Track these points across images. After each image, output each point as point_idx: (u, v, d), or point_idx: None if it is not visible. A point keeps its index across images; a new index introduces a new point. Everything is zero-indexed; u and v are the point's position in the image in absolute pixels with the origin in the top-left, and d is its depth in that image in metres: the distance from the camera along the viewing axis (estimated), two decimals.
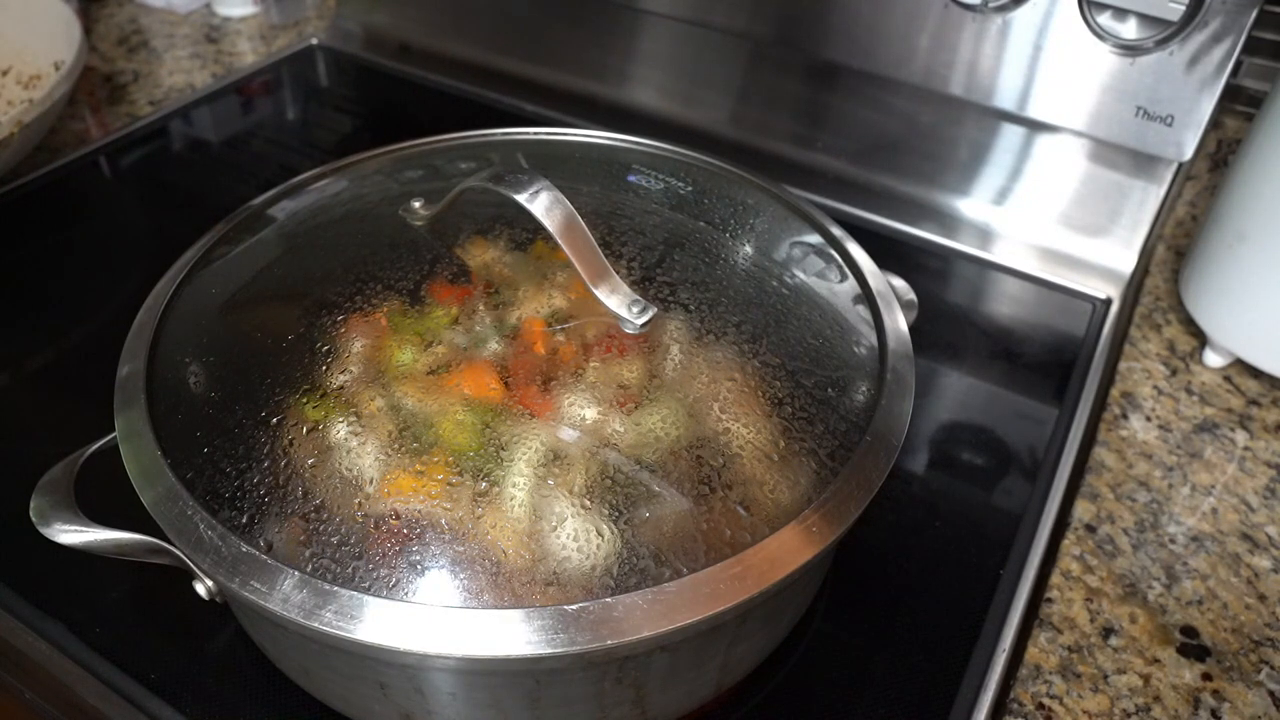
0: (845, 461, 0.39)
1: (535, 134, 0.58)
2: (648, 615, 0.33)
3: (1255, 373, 0.63)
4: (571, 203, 0.42)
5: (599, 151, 0.57)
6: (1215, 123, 0.71)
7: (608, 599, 0.33)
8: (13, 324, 0.64)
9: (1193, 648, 0.48)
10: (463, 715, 0.38)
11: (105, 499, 0.38)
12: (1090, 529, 0.53)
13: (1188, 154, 0.63)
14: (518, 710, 0.37)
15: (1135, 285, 0.70)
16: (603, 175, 0.55)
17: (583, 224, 0.42)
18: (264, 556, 0.34)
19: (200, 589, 0.37)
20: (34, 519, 0.38)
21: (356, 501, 0.36)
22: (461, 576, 0.35)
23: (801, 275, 0.49)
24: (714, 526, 0.36)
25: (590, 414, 0.39)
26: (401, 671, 0.36)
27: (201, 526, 0.35)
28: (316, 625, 0.33)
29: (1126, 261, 0.70)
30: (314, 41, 0.97)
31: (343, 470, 0.37)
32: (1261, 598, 0.50)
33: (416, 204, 0.49)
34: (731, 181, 0.54)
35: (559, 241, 0.41)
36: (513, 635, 0.32)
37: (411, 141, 0.56)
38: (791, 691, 0.45)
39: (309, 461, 0.38)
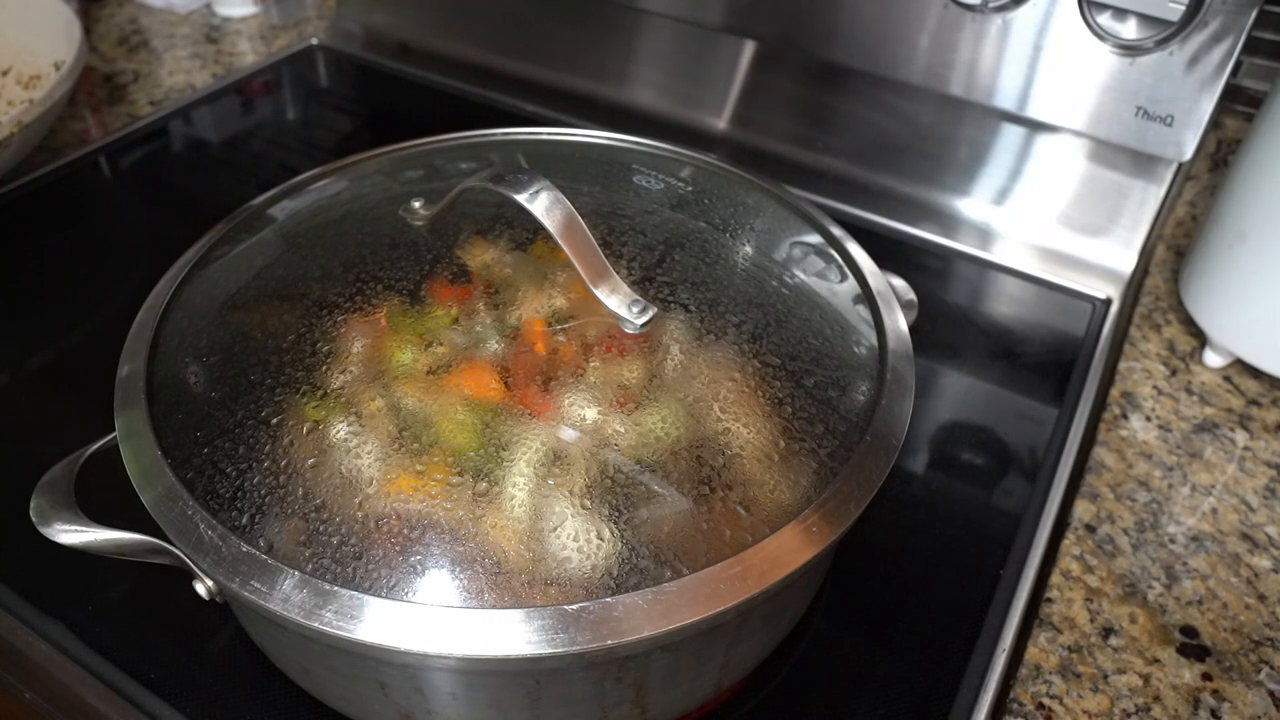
0: (845, 461, 0.39)
1: (535, 134, 0.58)
2: (648, 615, 0.33)
3: (1255, 373, 0.63)
4: (571, 203, 0.42)
5: (599, 151, 0.57)
6: (1215, 123, 0.71)
7: (608, 599, 0.33)
8: (13, 324, 0.64)
9: (1193, 648, 0.48)
10: (463, 715, 0.38)
11: (105, 499, 0.38)
12: (1090, 529, 0.53)
13: (1188, 154, 0.63)
14: (518, 710, 0.37)
15: (1135, 285, 0.70)
16: (603, 175, 0.55)
17: (583, 224, 0.42)
18: (264, 556, 0.34)
19: (200, 589, 0.37)
20: (34, 519, 0.38)
21: (357, 501, 0.36)
22: (461, 576, 0.35)
23: (801, 275, 0.49)
24: (714, 526, 0.36)
25: (590, 414, 0.39)
26: (401, 671, 0.36)
27: (201, 526, 0.35)
28: (316, 625, 0.33)
29: (1126, 261, 0.70)
30: (314, 41, 0.97)
31: (343, 470, 0.37)
32: (1261, 598, 0.50)
33: (416, 204, 0.49)
34: (731, 181, 0.54)
35: (559, 241, 0.41)
36: (513, 635, 0.32)
37: (411, 141, 0.56)
38: (791, 691, 0.45)
39: (309, 461, 0.38)
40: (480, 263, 0.46)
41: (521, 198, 0.41)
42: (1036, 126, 0.70)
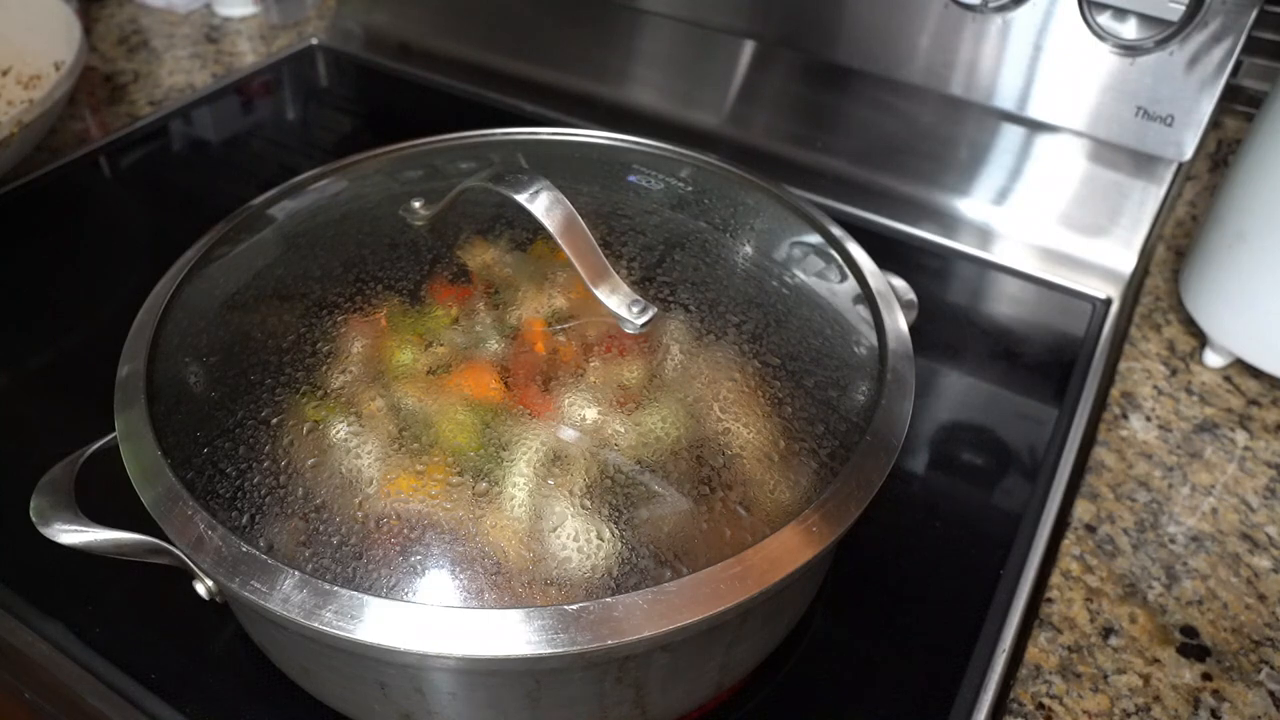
0: (845, 461, 0.39)
1: (535, 134, 0.58)
2: (648, 615, 0.33)
3: (1255, 373, 0.63)
4: (571, 203, 0.42)
5: (599, 151, 0.57)
6: (1215, 123, 0.71)
7: (608, 599, 0.33)
8: (13, 324, 0.64)
9: (1193, 648, 0.48)
10: (463, 715, 0.38)
11: (105, 499, 0.38)
12: (1090, 529, 0.53)
13: (1188, 154, 0.63)
14: (518, 710, 0.37)
15: (1135, 285, 0.70)
16: (603, 175, 0.55)
17: (583, 224, 0.42)
18: (264, 556, 0.34)
19: (200, 589, 0.37)
20: (34, 519, 0.38)
21: (357, 501, 0.36)
22: (461, 576, 0.35)
23: (801, 275, 0.49)
24: (714, 526, 0.36)
25: (590, 414, 0.39)
26: (401, 671, 0.36)
27: (201, 527, 0.35)
28: (316, 625, 0.33)
29: (1126, 261, 0.70)
30: (314, 41, 0.97)
31: (343, 470, 0.37)
32: (1261, 598, 0.50)
33: (416, 204, 0.49)
34: (731, 181, 0.54)
35: (559, 241, 0.41)
36: (513, 635, 0.32)
37: (411, 141, 0.56)
38: (791, 691, 0.45)
39: (309, 461, 0.38)
40: (480, 263, 0.46)
41: (521, 198, 0.41)
42: (1036, 126, 0.70)
